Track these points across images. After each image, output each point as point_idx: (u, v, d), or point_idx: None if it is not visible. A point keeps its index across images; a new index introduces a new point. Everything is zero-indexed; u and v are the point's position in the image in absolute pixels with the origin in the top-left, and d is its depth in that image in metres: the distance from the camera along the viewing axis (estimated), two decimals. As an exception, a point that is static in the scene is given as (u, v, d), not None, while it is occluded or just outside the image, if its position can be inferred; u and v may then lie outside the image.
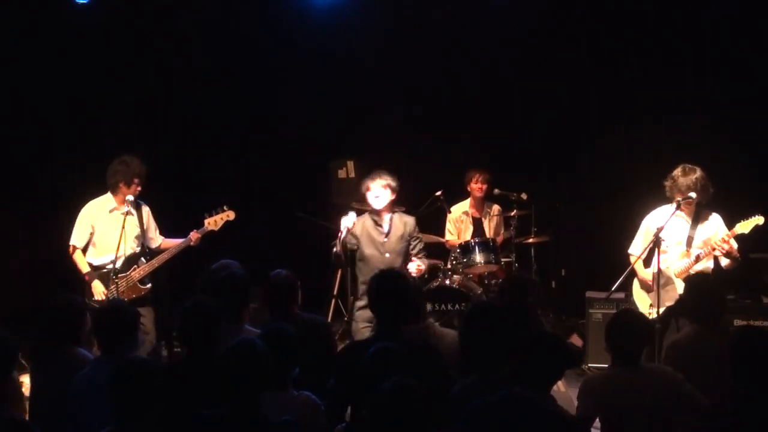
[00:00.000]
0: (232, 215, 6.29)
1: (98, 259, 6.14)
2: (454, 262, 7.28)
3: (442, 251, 7.71)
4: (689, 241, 5.77)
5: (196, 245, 6.25)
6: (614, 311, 5.75)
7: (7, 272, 7.90)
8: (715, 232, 5.74)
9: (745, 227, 5.57)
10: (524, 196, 7.76)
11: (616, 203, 7.67)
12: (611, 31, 8.02)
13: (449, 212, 7.56)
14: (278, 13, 8.35)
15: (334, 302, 8.07)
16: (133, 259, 6.15)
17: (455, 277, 7.12)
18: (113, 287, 5.96)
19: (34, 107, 7.93)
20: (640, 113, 7.98)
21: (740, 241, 5.69)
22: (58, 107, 7.99)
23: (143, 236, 6.25)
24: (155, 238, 6.38)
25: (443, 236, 7.77)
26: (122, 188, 6.14)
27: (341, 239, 5.77)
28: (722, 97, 7.55)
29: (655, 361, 5.05)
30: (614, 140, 8.04)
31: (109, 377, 3.35)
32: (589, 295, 7.19)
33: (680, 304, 5.55)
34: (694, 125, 7.48)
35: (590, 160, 8.24)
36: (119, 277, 6.00)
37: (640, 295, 5.96)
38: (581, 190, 8.32)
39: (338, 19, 8.21)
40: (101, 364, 3.92)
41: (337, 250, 5.80)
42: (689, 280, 5.32)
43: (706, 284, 4.97)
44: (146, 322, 5.91)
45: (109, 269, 5.98)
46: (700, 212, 5.80)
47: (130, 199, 6.11)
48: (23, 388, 4.45)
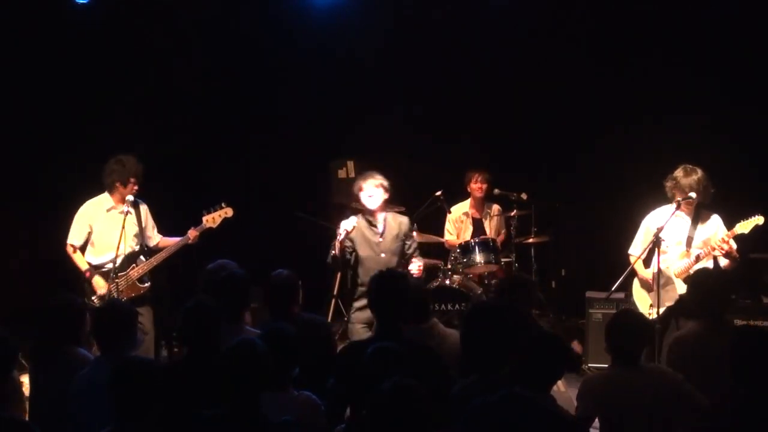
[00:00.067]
0: (230, 212, 6.27)
1: (97, 258, 6.12)
2: (454, 262, 7.29)
3: (442, 251, 7.72)
4: (689, 241, 5.78)
5: (194, 243, 6.22)
6: (614, 311, 5.74)
7: (7, 272, 7.89)
8: (714, 232, 5.74)
9: (744, 227, 5.56)
10: (524, 196, 7.77)
11: (616, 203, 7.67)
12: (611, 31, 8.02)
13: (449, 212, 7.55)
14: (278, 13, 8.35)
15: (334, 302, 8.07)
16: (131, 257, 6.12)
17: (455, 277, 7.12)
18: (113, 286, 5.94)
19: (34, 107, 7.92)
20: (640, 113, 7.98)
21: (740, 241, 5.68)
22: (58, 107, 7.97)
23: (141, 235, 6.24)
24: (153, 236, 6.37)
25: (443, 236, 7.77)
26: (119, 188, 6.12)
27: (339, 242, 5.76)
28: (722, 97, 7.54)
29: (655, 361, 5.05)
30: (614, 140, 8.04)
31: (109, 377, 3.35)
32: (589, 295, 7.19)
33: (680, 303, 5.56)
34: (694, 125, 7.48)
35: (590, 160, 8.25)
36: (118, 276, 5.99)
37: (640, 295, 5.96)
38: (581, 190, 8.33)
39: (338, 19, 8.21)
40: (101, 364, 3.93)
41: (334, 252, 5.79)
42: (693, 275, 5.29)
43: (710, 279, 4.93)
44: (145, 321, 5.90)
45: (108, 268, 5.96)
46: (700, 212, 5.80)
47: (130, 199, 6.08)
48: (23, 388, 4.45)
